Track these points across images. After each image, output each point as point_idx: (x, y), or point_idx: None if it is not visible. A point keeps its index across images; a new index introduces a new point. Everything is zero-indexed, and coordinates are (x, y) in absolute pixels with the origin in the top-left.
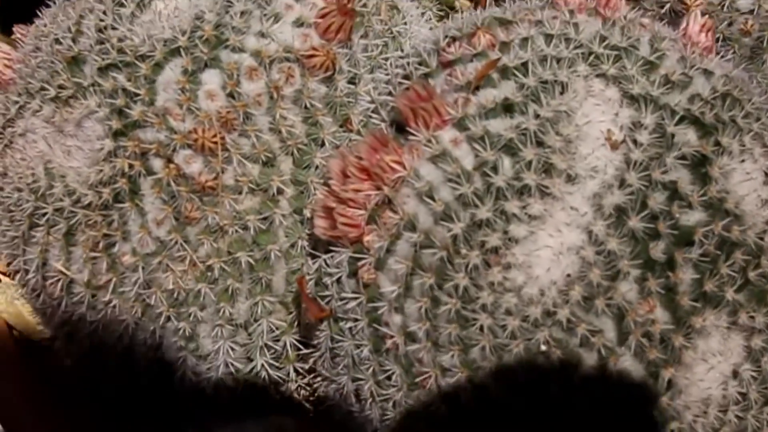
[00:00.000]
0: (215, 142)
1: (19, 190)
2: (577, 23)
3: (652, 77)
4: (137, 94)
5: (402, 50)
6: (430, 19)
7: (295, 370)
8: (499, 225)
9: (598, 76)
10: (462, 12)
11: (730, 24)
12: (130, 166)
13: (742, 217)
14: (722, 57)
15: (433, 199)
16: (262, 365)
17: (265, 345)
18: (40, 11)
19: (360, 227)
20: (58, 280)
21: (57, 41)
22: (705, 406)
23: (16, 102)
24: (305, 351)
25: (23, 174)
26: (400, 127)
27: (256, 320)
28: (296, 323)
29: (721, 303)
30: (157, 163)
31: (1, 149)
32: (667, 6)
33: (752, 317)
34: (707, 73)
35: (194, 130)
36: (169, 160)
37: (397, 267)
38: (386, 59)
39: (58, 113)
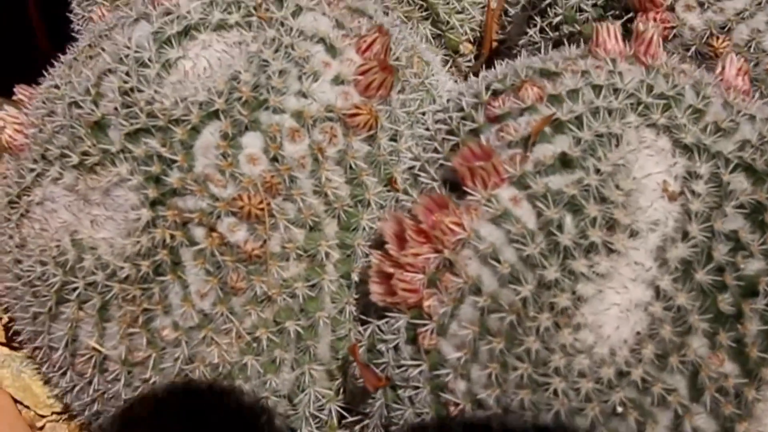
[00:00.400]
0: (262, 209)
1: (43, 263)
2: (622, 72)
3: (702, 125)
4: (174, 161)
5: (434, 102)
6: None
7: None
8: (567, 285)
9: (648, 125)
10: (465, 56)
11: (756, 64)
12: (172, 237)
13: None
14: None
15: (498, 260)
16: None
17: (311, 415)
18: (46, 71)
19: (419, 292)
20: (90, 357)
21: (75, 104)
22: None
23: (32, 169)
24: (350, 419)
25: (46, 246)
26: (452, 186)
27: (302, 390)
28: (341, 390)
29: None
30: (198, 233)
31: (17, 219)
32: (693, 48)
33: None
34: (751, 118)
35: (239, 197)
36: (212, 229)
37: (463, 332)
38: (423, 114)
39: (81, 181)
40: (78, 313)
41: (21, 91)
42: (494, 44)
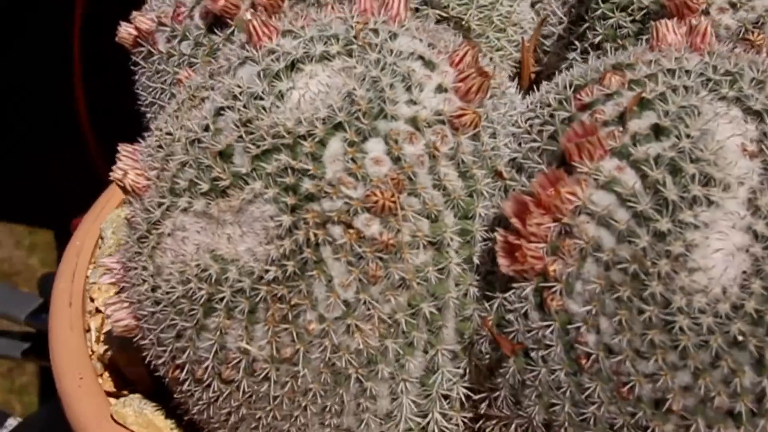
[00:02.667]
0: (394, 201)
1: (185, 282)
2: (687, 58)
3: (766, 92)
4: (306, 170)
5: (516, 107)
6: None
7: (463, 422)
8: (678, 234)
9: (720, 99)
10: None
11: None
12: (315, 236)
13: None
14: None
15: (614, 220)
16: (436, 420)
17: (442, 395)
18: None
19: (543, 259)
20: (239, 361)
21: (197, 141)
22: None
23: (161, 203)
24: (476, 398)
25: (185, 268)
26: (558, 166)
27: (434, 371)
28: (464, 373)
29: None
30: (337, 230)
31: (149, 251)
32: (730, 45)
33: None
34: None
35: (372, 193)
36: (349, 225)
37: (589, 287)
38: (512, 115)
39: (213, 205)
40: (225, 321)
41: (124, 148)
42: (532, 76)
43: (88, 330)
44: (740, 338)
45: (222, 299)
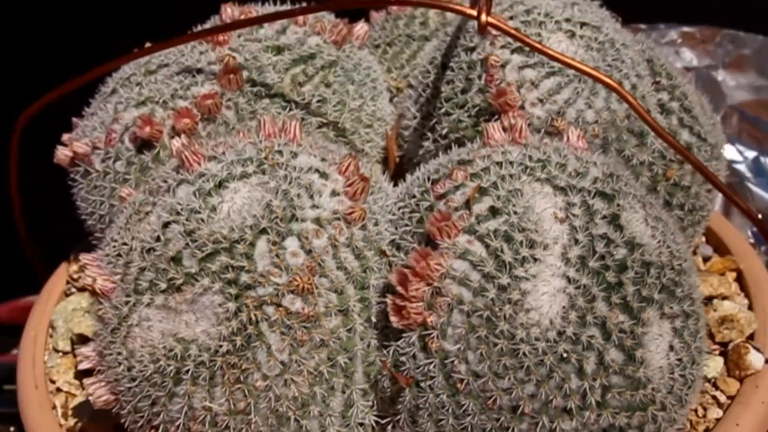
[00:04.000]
0: (310, 284)
1: (156, 361)
2: (510, 151)
3: (566, 173)
4: (242, 267)
5: (389, 197)
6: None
7: None
8: (515, 285)
9: (536, 180)
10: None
11: (585, 132)
12: (255, 316)
13: (647, 245)
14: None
15: (469, 280)
16: None
17: (358, 424)
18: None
19: (422, 314)
20: (205, 416)
21: (151, 250)
22: (662, 372)
23: (127, 302)
24: (383, 422)
25: (154, 350)
26: (427, 243)
27: (350, 406)
28: (373, 404)
29: (653, 302)
30: (270, 310)
31: (121, 340)
32: (542, 130)
33: (671, 308)
34: (594, 164)
35: (294, 279)
36: (279, 305)
37: (457, 331)
38: (387, 205)
39: (171, 299)
40: (191, 388)
41: (85, 258)
42: (397, 160)
43: (54, 407)
44: (565, 355)
45: (188, 371)
